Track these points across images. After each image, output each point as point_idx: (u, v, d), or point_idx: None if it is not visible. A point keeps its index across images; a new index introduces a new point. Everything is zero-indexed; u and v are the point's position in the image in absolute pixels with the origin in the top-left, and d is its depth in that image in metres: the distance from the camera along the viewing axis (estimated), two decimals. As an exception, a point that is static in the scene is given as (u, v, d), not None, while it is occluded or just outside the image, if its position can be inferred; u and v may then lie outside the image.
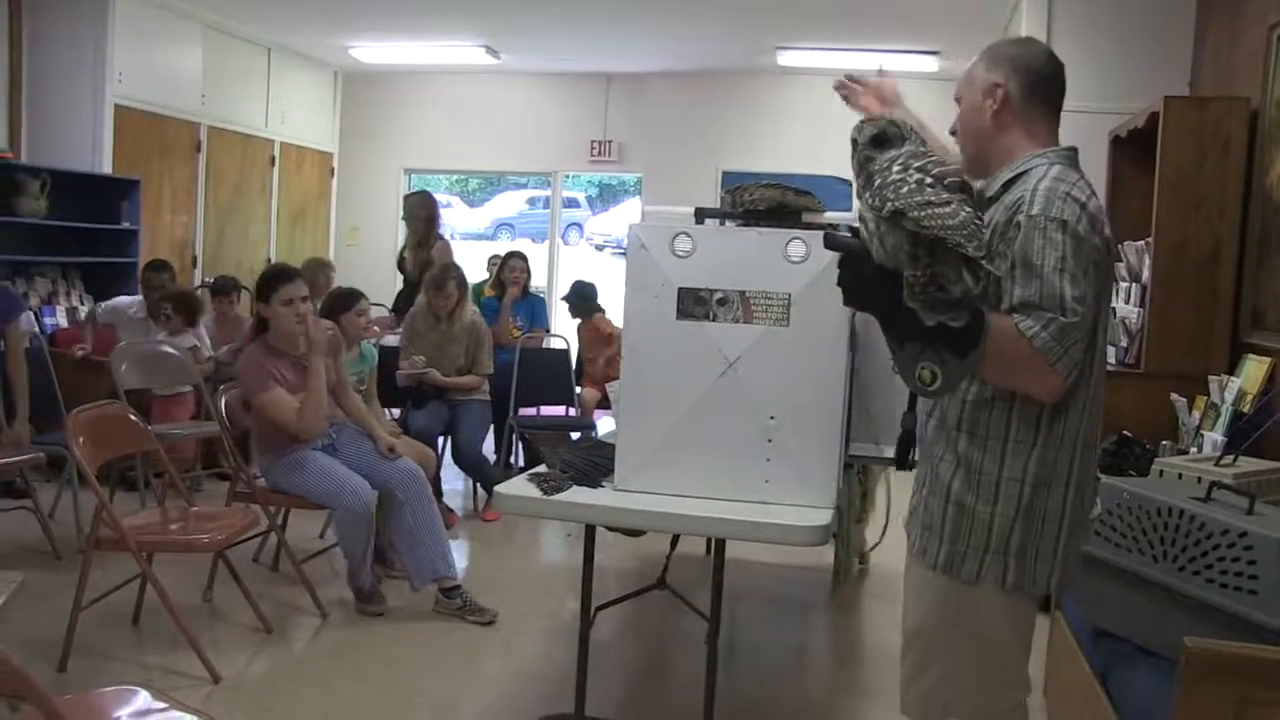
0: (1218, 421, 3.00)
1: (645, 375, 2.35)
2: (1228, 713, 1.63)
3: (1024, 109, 1.67)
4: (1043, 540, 1.59)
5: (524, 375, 5.28)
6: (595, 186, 15.84)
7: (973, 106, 1.71)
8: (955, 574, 1.62)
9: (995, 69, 1.69)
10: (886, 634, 3.60)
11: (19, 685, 1.38)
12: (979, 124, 1.70)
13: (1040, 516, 1.58)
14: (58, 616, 3.00)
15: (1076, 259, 1.50)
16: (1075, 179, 1.59)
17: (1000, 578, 1.59)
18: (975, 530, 1.60)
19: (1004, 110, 1.67)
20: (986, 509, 1.59)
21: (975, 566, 1.60)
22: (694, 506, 2.27)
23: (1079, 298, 1.48)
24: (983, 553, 1.60)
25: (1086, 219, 1.53)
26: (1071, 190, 1.55)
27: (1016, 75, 1.67)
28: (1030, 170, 1.61)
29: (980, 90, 1.69)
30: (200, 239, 6.82)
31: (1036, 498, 1.58)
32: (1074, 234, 1.51)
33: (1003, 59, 1.70)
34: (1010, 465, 1.58)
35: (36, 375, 4.36)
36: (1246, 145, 3.50)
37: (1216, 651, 1.66)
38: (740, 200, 2.53)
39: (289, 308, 3.43)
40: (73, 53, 5.95)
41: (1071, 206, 1.53)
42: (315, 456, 3.50)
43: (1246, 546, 1.94)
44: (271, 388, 3.41)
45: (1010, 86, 1.67)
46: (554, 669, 3.09)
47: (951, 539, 1.62)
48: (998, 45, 1.75)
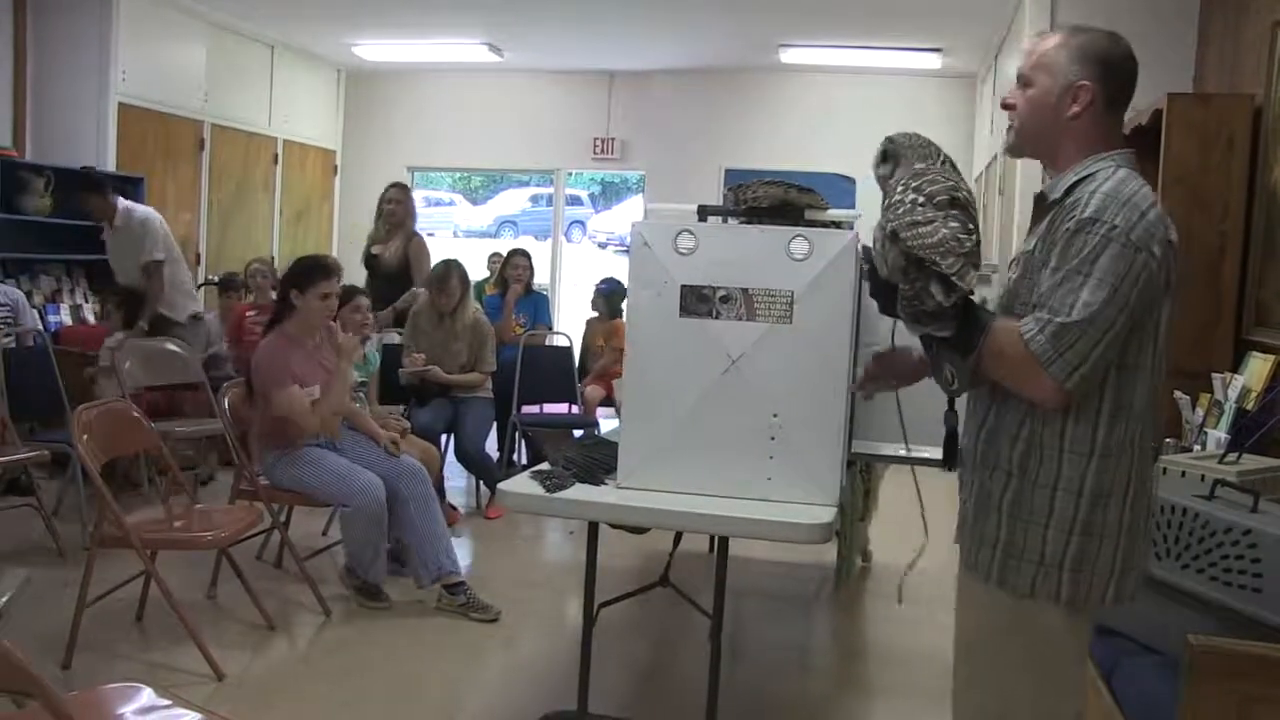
0: (1221, 419, 3.00)
1: (648, 373, 2.35)
2: (1232, 710, 1.62)
3: (1104, 115, 1.61)
4: (1100, 554, 1.53)
5: (526, 373, 5.28)
6: (598, 184, 15.84)
7: (1047, 96, 1.61)
8: (1008, 587, 1.57)
9: (1084, 66, 1.59)
10: (889, 631, 3.60)
11: (25, 681, 1.38)
12: (1051, 116, 1.61)
13: (1099, 529, 1.53)
14: (62, 613, 3.01)
15: (1113, 264, 1.47)
16: (1138, 185, 1.55)
17: (1054, 592, 1.54)
18: (1029, 543, 1.55)
19: (1085, 113, 1.59)
20: (1041, 521, 1.54)
21: (1029, 580, 1.55)
22: (697, 504, 2.27)
23: (1091, 302, 1.46)
24: (1037, 565, 1.55)
25: (1143, 227, 1.49)
26: (1134, 197, 1.51)
27: (1106, 80, 1.60)
28: (1095, 173, 1.56)
29: (1062, 84, 1.60)
30: (203, 236, 6.83)
31: (1095, 510, 1.53)
32: (1122, 241, 1.47)
33: (1094, 58, 1.60)
34: (1066, 476, 1.53)
35: (40, 373, 4.37)
36: (1250, 142, 3.49)
37: (1221, 649, 1.65)
38: (743, 198, 2.52)
39: (323, 301, 3.52)
40: (77, 51, 5.96)
41: (1127, 213, 1.49)
42: (324, 454, 3.51)
43: (1250, 544, 1.94)
44: (289, 385, 3.42)
45: (1098, 91, 1.59)
46: (557, 666, 3.09)
47: (1005, 551, 1.57)
48: (1087, 36, 1.63)
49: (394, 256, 5.42)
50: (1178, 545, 2.08)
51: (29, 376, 4.31)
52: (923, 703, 2.99)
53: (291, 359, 3.47)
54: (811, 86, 7.68)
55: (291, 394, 3.41)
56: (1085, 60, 1.60)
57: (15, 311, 4.96)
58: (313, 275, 3.55)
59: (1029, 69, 1.65)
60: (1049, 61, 1.62)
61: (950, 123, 7.47)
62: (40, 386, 4.32)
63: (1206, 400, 3.13)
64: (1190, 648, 1.65)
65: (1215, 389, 3.09)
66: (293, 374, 3.45)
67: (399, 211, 5.48)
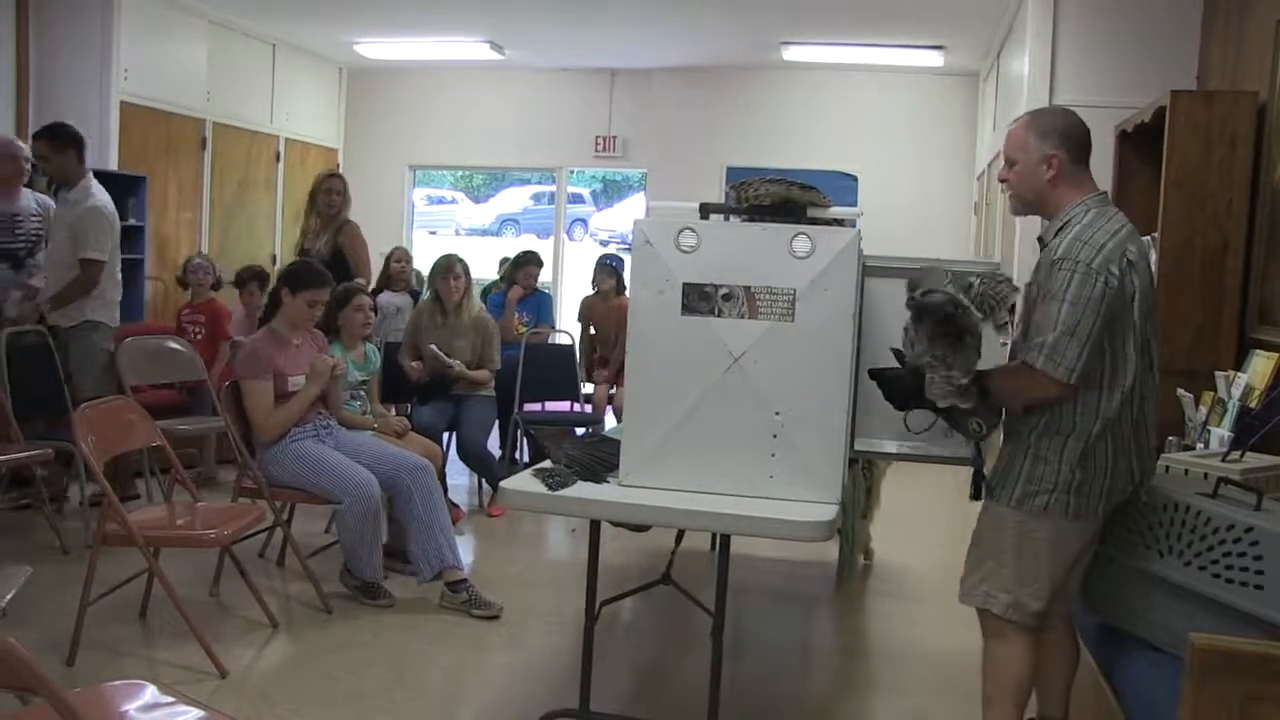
0: (1225, 417, 2.99)
1: (650, 371, 2.35)
2: (1234, 708, 1.62)
3: (1073, 170, 2.14)
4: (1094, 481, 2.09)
5: (529, 370, 5.28)
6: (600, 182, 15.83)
7: (1029, 170, 2.16)
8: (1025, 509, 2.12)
9: (1047, 141, 2.13)
10: (891, 628, 3.61)
11: (29, 679, 1.39)
12: (1036, 184, 2.16)
13: (1092, 463, 2.08)
14: (66, 611, 3.02)
15: (1079, 289, 2.00)
16: (1102, 223, 2.08)
17: (1065, 509, 2.10)
18: (1046, 474, 2.10)
19: (1058, 175, 2.14)
20: (1055, 459, 2.10)
21: (1044, 502, 2.11)
22: (699, 502, 2.27)
23: (1068, 318, 1.99)
24: (1050, 492, 2.10)
25: (1101, 258, 2.01)
26: (1094, 236, 2.04)
27: (1066, 146, 2.13)
28: (1071, 219, 2.11)
29: (1036, 159, 2.14)
30: (206, 235, 6.83)
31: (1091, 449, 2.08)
32: (1083, 271, 2.00)
33: (1054, 131, 2.14)
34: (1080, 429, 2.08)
35: (44, 371, 4.37)
36: (1254, 140, 3.49)
37: (1223, 647, 1.65)
38: (745, 196, 2.52)
39: (310, 308, 3.66)
40: (79, 50, 5.96)
41: (1088, 250, 2.02)
42: (319, 449, 3.52)
43: (1253, 542, 1.94)
44: (262, 378, 3.50)
45: (1063, 156, 2.13)
46: (559, 663, 3.10)
47: (1026, 482, 2.13)
48: (1044, 117, 2.21)
49: (325, 249, 5.00)
50: (1180, 543, 2.08)
51: (32, 375, 4.31)
52: (925, 700, 2.99)
53: (274, 354, 3.55)
54: (814, 84, 7.67)
55: (260, 388, 3.50)
56: (1047, 135, 2.14)
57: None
58: (305, 280, 3.67)
59: (1009, 152, 2.20)
60: (1021, 143, 2.17)
61: (952, 121, 7.47)
62: (44, 385, 4.32)
63: (1210, 398, 3.13)
64: (1192, 646, 1.65)
65: (1218, 387, 3.09)
66: (274, 367, 3.52)
67: (337, 202, 5.09)
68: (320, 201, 5.12)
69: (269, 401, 3.49)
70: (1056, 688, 2.35)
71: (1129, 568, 2.20)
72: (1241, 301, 3.52)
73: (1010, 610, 2.15)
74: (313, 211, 5.16)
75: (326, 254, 4.96)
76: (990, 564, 2.18)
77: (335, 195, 5.10)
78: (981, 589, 2.19)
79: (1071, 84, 4.76)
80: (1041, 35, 4.81)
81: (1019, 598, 2.14)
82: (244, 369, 3.54)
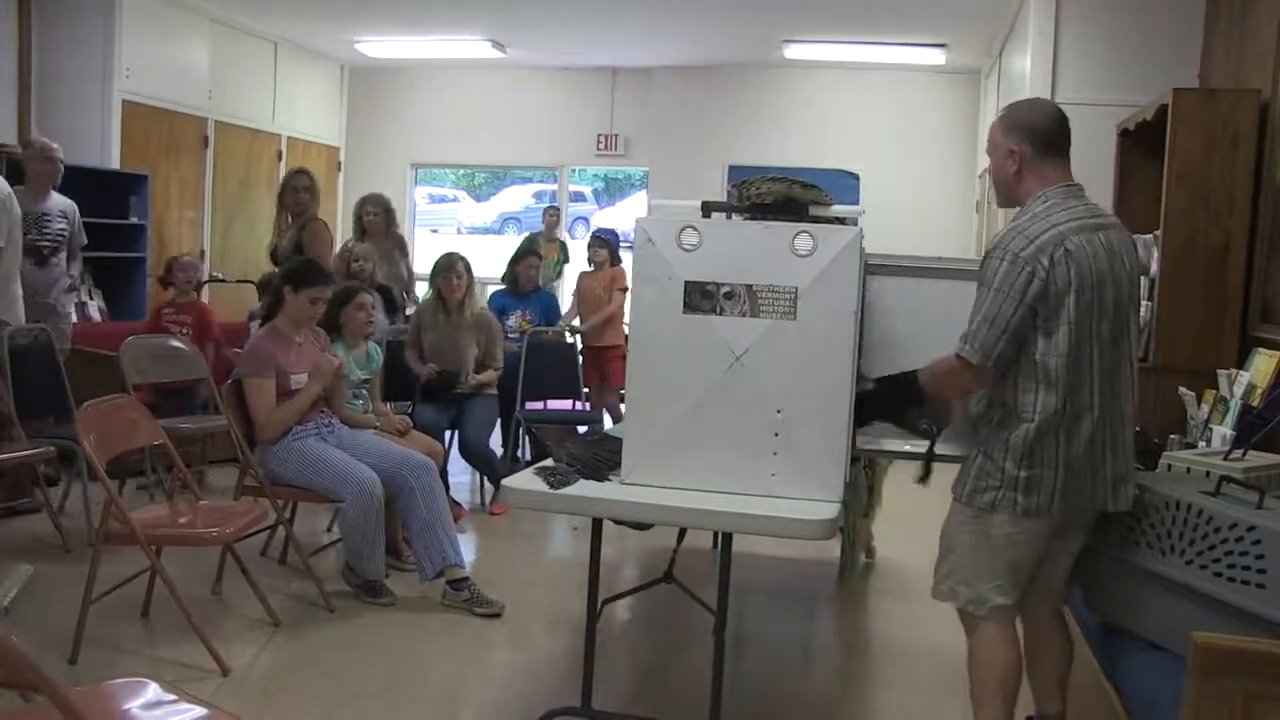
0: (1227, 415, 2.99)
1: (652, 369, 2.35)
2: (1236, 707, 1.62)
3: (1036, 164, 2.15)
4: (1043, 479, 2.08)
5: (530, 369, 5.28)
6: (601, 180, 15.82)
7: (998, 165, 2.21)
8: (974, 506, 2.15)
9: (1011, 135, 2.17)
10: (892, 627, 3.60)
11: (32, 677, 1.39)
12: (1005, 177, 2.20)
13: (1039, 462, 2.07)
14: (68, 609, 3.02)
15: (1004, 278, 2.03)
16: (1054, 214, 2.08)
17: (1012, 506, 2.10)
18: (992, 471, 2.12)
19: (1021, 167, 2.16)
20: (1000, 456, 2.11)
21: (991, 500, 2.13)
22: (701, 500, 2.27)
23: (991, 305, 2.04)
24: (997, 490, 2.11)
25: (1032, 249, 2.03)
26: (1029, 228, 2.07)
27: (1028, 139, 2.14)
28: (1025, 211, 2.14)
29: (1002, 154, 2.19)
30: (208, 233, 6.84)
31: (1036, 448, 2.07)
32: (1010, 260, 2.04)
33: (1017, 125, 2.17)
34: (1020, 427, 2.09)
35: (46, 370, 4.38)
36: (1256, 138, 3.48)
37: (1225, 646, 1.65)
38: (747, 194, 2.52)
39: (312, 305, 3.65)
40: (81, 49, 5.97)
41: (1019, 241, 2.05)
42: (321, 447, 3.52)
43: (1255, 541, 1.94)
44: (265, 376, 3.50)
45: (1024, 150, 2.15)
46: (561, 662, 3.10)
47: (975, 478, 2.16)
48: (1013, 111, 2.22)
49: (288, 245, 4.97)
50: (1182, 541, 2.07)
51: (35, 374, 4.32)
52: (927, 698, 2.99)
53: (276, 352, 3.56)
54: (815, 82, 7.67)
55: (263, 386, 3.50)
56: (1012, 130, 2.18)
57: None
58: (308, 277, 3.68)
59: (988, 149, 2.26)
60: (993, 139, 2.22)
61: (954, 119, 7.47)
62: (46, 383, 4.33)
63: (1211, 396, 3.13)
64: (1194, 644, 1.65)
65: (1220, 385, 3.09)
66: (277, 365, 3.52)
67: (304, 199, 5.08)
68: (288, 199, 5.12)
69: (271, 400, 3.50)
70: (1050, 683, 2.35)
71: (1131, 566, 2.20)
72: (1244, 300, 3.52)
73: (972, 605, 2.18)
74: (283, 208, 5.15)
75: (289, 250, 4.94)
76: (952, 558, 2.22)
77: (302, 192, 5.09)
78: (946, 584, 2.23)
79: (1073, 82, 4.76)
80: (1044, 33, 4.81)
81: (980, 592, 2.17)
82: (247, 367, 3.55)
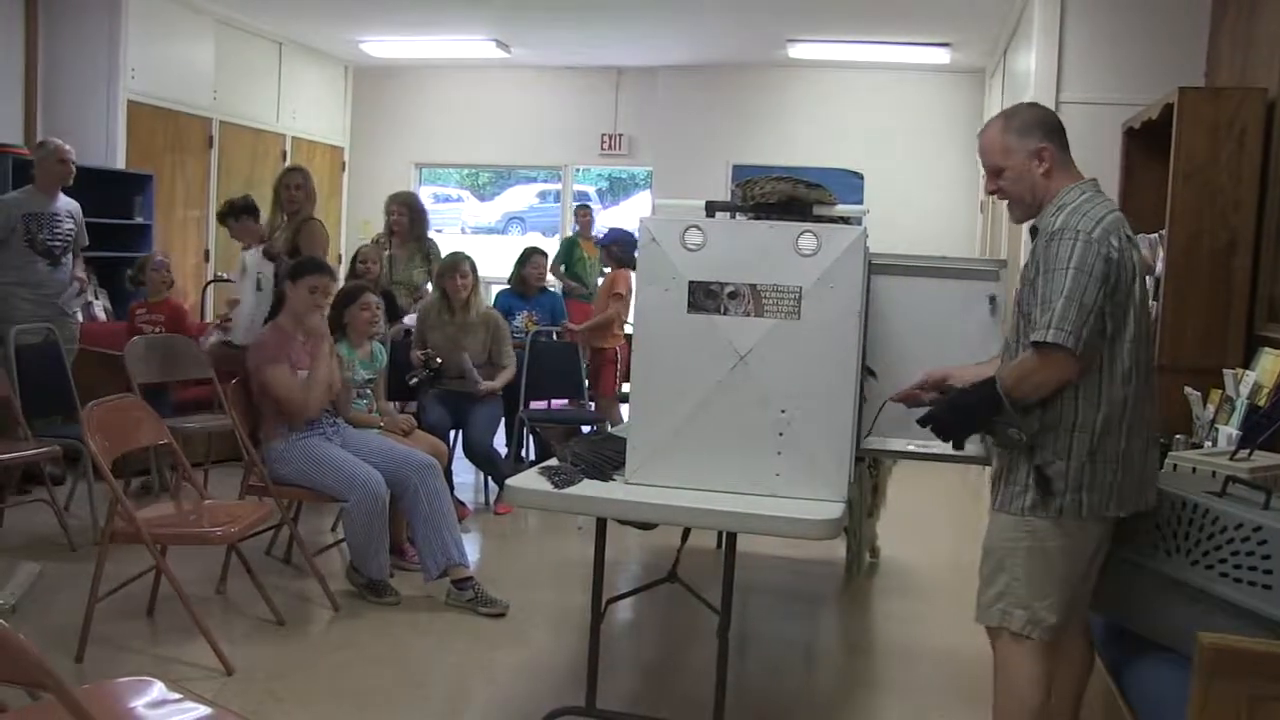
0: (1233, 415, 2.98)
1: (656, 368, 2.35)
2: (1242, 708, 1.62)
3: (1061, 159, 2.10)
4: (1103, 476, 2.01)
5: (534, 368, 5.29)
6: (605, 180, 15.82)
7: (1022, 170, 2.09)
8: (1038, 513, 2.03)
9: (1030, 135, 2.09)
10: (897, 627, 3.60)
11: (39, 675, 1.39)
12: (1032, 181, 2.09)
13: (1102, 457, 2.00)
14: (74, 607, 3.03)
15: (1081, 258, 1.94)
16: (1099, 201, 2.04)
17: (1077, 509, 2.01)
18: (1055, 474, 2.01)
19: (1052, 166, 2.09)
20: (1063, 455, 2.01)
21: (1057, 506, 2.02)
22: (705, 500, 2.27)
23: (1072, 285, 1.92)
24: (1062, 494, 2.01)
25: (1101, 229, 1.97)
26: (1092, 210, 2.00)
27: (1050, 136, 2.09)
28: (1066, 201, 2.05)
29: (1024, 156, 2.09)
30: (212, 233, 6.86)
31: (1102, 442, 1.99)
32: (1084, 240, 1.95)
33: (1033, 126, 2.10)
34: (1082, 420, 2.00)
35: (51, 369, 4.39)
36: (1263, 137, 3.47)
37: (1231, 647, 1.65)
38: (751, 193, 2.52)
39: (310, 294, 3.63)
40: (86, 49, 5.99)
41: (1086, 222, 1.98)
42: (326, 447, 3.53)
43: (1261, 541, 1.93)
44: (280, 362, 3.51)
45: (1052, 147, 2.08)
46: (565, 662, 3.10)
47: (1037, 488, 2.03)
48: (1020, 113, 2.14)
49: (283, 244, 4.88)
50: (1188, 541, 2.07)
51: (42, 374, 4.33)
52: (931, 699, 2.99)
53: (282, 345, 3.57)
54: (820, 82, 7.66)
55: (282, 371, 3.51)
56: (1029, 130, 2.09)
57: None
58: (305, 268, 3.72)
59: (993, 160, 2.13)
60: (1003, 147, 2.11)
61: (958, 118, 7.45)
62: (51, 383, 4.34)
63: (1217, 396, 3.12)
64: (1201, 645, 1.65)
65: (1226, 385, 3.08)
66: (286, 357, 3.54)
67: (298, 198, 4.99)
68: (282, 198, 5.05)
69: (296, 381, 3.51)
70: (1067, 700, 2.27)
71: (1136, 566, 2.19)
72: (1250, 299, 3.51)
73: (1028, 627, 2.05)
74: (277, 208, 5.08)
75: (283, 249, 4.88)
76: (1003, 579, 2.07)
77: (295, 190, 5.02)
78: (998, 606, 2.08)
79: (1079, 81, 4.75)
80: (1048, 32, 4.79)
81: (1036, 613, 2.04)
82: (260, 361, 3.53)
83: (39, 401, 4.24)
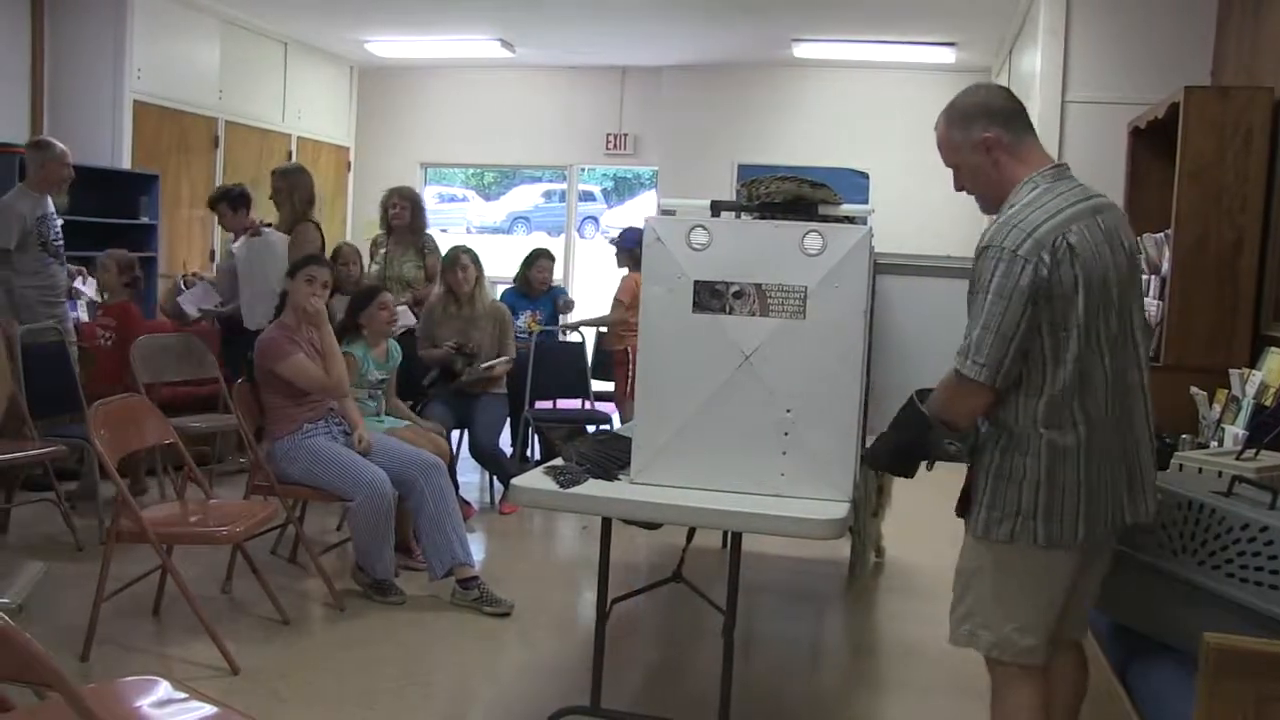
0: (1239, 415, 2.97)
1: (661, 368, 2.35)
2: (1249, 709, 1.61)
3: (1014, 146, 1.92)
4: (1065, 504, 1.85)
5: (539, 369, 5.29)
6: (611, 180, 15.82)
7: (971, 165, 1.95)
8: (991, 539, 1.90)
9: (973, 125, 1.92)
10: (902, 627, 3.60)
11: (45, 674, 1.40)
12: (984, 175, 1.94)
13: (1060, 483, 1.84)
14: (80, 607, 3.04)
15: (1003, 280, 1.78)
16: (1046, 200, 1.84)
17: (1033, 537, 1.86)
18: (1009, 499, 1.88)
19: (1001, 153, 1.91)
20: (1017, 480, 1.86)
21: (1009, 531, 1.88)
22: (710, 499, 2.27)
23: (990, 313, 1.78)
24: (1015, 517, 1.87)
25: (1030, 243, 1.78)
26: (1025, 220, 1.81)
27: (995, 121, 1.91)
28: (1015, 201, 1.88)
29: (972, 149, 1.93)
30: (217, 234, 6.86)
31: (1054, 469, 1.83)
32: (1008, 258, 1.78)
33: (974, 114, 1.93)
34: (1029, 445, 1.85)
35: (58, 368, 4.40)
36: (1269, 136, 3.46)
37: (1237, 647, 1.64)
38: (756, 193, 2.52)
39: (308, 285, 3.64)
40: (92, 49, 6.00)
41: (1015, 235, 1.80)
42: (330, 446, 3.53)
43: (1268, 541, 1.93)
44: (294, 353, 3.53)
45: (996, 134, 1.91)
46: (570, 661, 3.10)
47: (988, 509, 1.90)
48: (960, 102, 1.98)
49: None
50: (1194, 542, 2.06)
51: (47, 374, 4.34)
52: (936, 698, 2.99)
53: (292, 338, 3.58)
54: (825, 81, 7.65)
55: (300, 358, 3.53)
56: (971, 120, 1.93)
57: None
58: (301, 262, 3.76)
59: (945, 159, 1.99)
60: (952, 143, 1.96)
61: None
62: (57, 382, 4.35)
63: (1223, 396, 3.11)
64: (1207, 646, 1.64)
65: (1233, 384, 3.07)
66: (298, 348, 3.56)
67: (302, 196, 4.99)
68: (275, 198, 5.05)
69: (315, 365, 3.55)
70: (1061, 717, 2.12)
71: (1142, 566, 2.19)
72: (1256, 298, 3.50)
73: (995, 649, 1.93)
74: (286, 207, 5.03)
75: None
76: (969, 599, 1.97)
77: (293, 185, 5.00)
78: (965, 627, 1.98)
79: (1084, 80, 4.74)
80: (1054, 31, 4.78)
81: (1005, 634, 1.92)
82: (271, 357, 3.53)
83: (45, 401, 4.25)
